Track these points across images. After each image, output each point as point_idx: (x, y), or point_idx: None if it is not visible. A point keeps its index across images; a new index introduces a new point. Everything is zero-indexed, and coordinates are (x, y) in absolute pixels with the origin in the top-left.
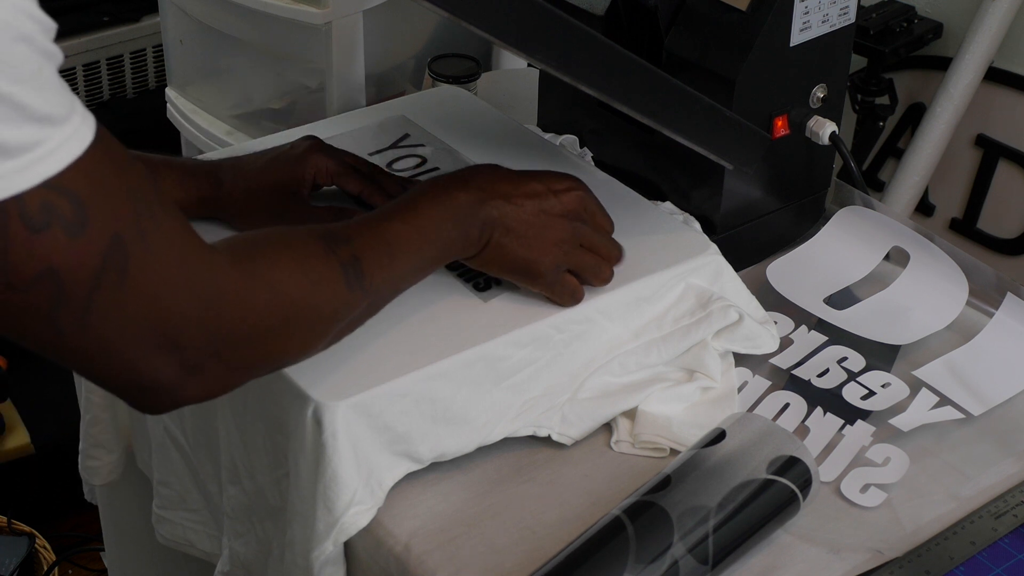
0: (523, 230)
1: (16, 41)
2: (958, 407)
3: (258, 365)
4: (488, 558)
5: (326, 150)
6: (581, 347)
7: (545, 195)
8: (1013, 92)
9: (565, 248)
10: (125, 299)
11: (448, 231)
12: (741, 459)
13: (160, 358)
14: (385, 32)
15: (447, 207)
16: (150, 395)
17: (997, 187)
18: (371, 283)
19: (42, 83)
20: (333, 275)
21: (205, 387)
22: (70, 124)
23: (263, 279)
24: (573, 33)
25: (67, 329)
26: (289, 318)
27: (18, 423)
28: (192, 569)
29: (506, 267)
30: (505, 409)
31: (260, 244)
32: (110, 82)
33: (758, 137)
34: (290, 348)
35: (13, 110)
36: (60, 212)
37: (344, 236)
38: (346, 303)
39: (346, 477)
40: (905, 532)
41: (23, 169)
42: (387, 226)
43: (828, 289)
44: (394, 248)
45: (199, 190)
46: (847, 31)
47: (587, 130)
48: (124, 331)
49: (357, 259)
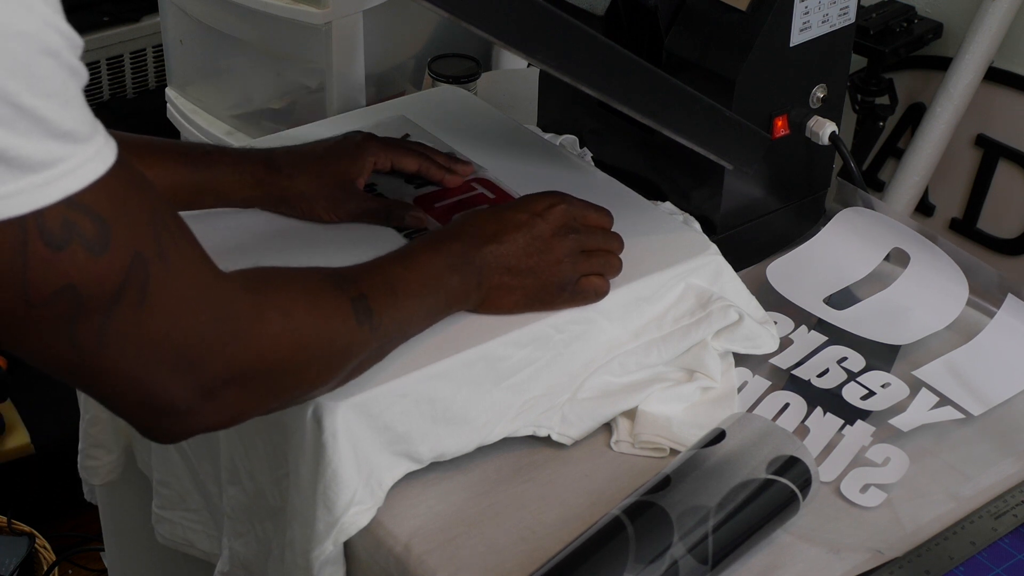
0: (522, 264)
1: (42, 54)
2: (958, 407)
3: (273, 395)
4: (488, 558)
5: (378, 139)
6: (581, 347)
7: (530, 222)
8: (1013, 92)
9: (569, 262)
10: (144, 319)
11: (448, 279)
12: (741, 459)
13: (176, 381)
14: (385, 32)
15: (444, 256)
16: (164, 420)
17: (997, 187)
18: (379, 321)
19: (67, 99)
20: (343, 309)
21: (219, 414)
22: (93, 144)
23: (275, 307)
24: (573, 33)
25: (85, 347)
26: (301, 347)
27: (18, 423)
28: (192, 569)
29: (520, 303)
30: (505, 409)
31: (270, 276)
32: (110, 82)
33: (758, 137)
34: (303, 380)
35: (36, 124)
36: (81, 230)
37: (350, 276)
38: (357, 338)
39: (346, 477)
40: (905, 532)
41: (44, 185)
42: (390, 270)
43: (828, 289)
44: (398, 290)
45: (255, 175)
46: (847, 31)
47: (587, 130)
48: (141, 352)
49: (364, 296)
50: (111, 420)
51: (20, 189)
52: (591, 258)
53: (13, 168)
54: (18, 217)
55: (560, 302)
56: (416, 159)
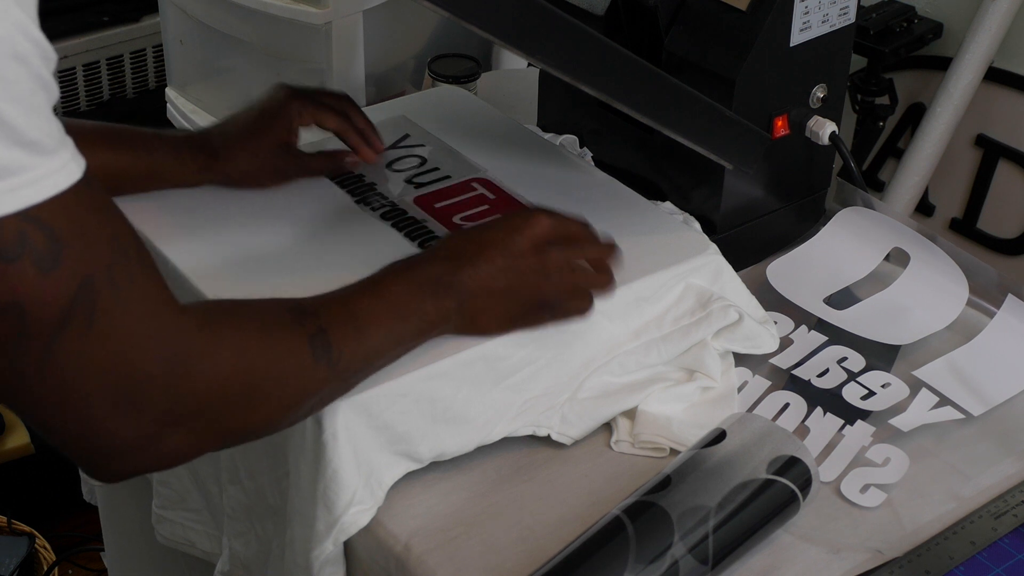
0: (500, 284)
1: (11, 59)
2: (958, 407)
3: (219, 436)
4: (488, 558)
5: (302, 95)
6: (581, 347)
7: (507, 240)
8: (1013, 92)
9: (550, 280)
10: (88, 348)
11: (420, 304)
12: (741, 459)
13: (118, 418)
14: (385, 32)
15: (415, 281)
16: (105, 458)
17: (997, 187)
18: (339, 356)
19: (34, 107)
20: (300, 346)
21: (163, 455)
22: (58, 158)
23: (228, 344)
24: (573, 33)
25: (26, 370)
26: (253, 386)
27: (18, 423)
28: (192, 569)
29: (504, 324)
30: (505, 409)
31: (228, 311)
32: (110, 82)
33: (758, 137)
34: (253, 419)
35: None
36: (34, 244)
37: (311, 309)
38: (313, 376)
39: (346, 477)
40: (905, 532)
41: (3, 192)
42: (354, 301)
43: (828, 289)
44: (361, 322)
45: (195, 161)
46: (847, 31)
47: (587, 130)
48: (84, 382)
49: (324, 331)
50: None
51: None
52: (572, 274)
53: None
54: None
55: (545, 321)
56: (336, 119)
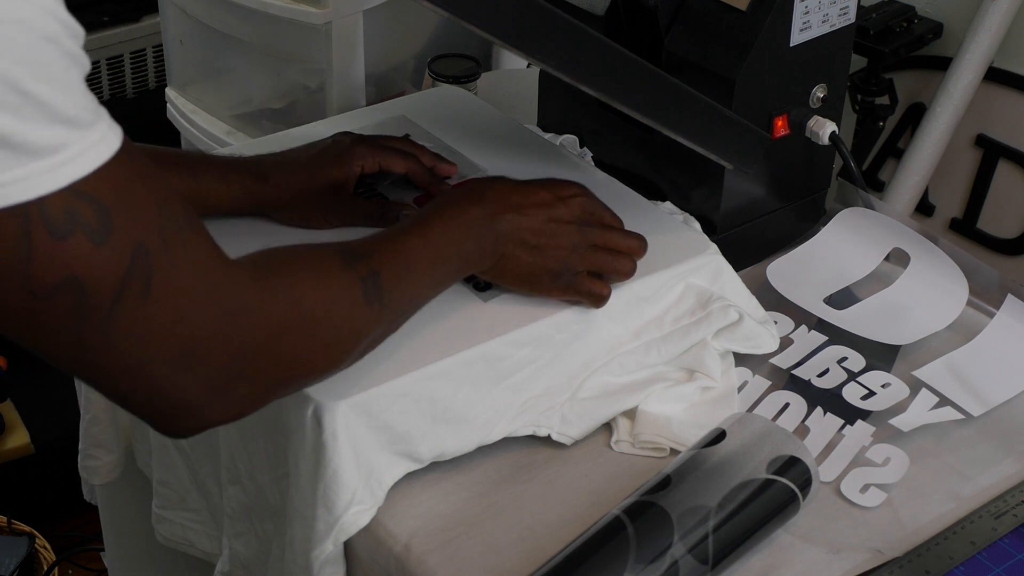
0: (535, 240)
1: (43, 41)
2: (958, 407)
3: (283, 383)
4: (488, 558)
5: (367, 140)
6: (581, 347)
7: (553, 203)
8: (1013, 92)
9: (578, 252)
10: (148, 312)
11: (464, 245)
12: (741, 459)
13: (184, 376)
14: (385, 32)
15: (461, 222)
16: (175, 416)
17: (997, 187)
18: (390, 298)
19: (69, 85)
20: (353, 290)
21: (230, 407)
22: (96, 130)
23: (283, 294)
24: (573, 33)
25: (90, 342)
26: (311, 333)
27: (18, 423)
28: (192, 569)
29: (519, 278)
30: (505, 409)
31: (280, 260)
32: (110, 82)
33: (758, 137)
34: (315, 365)
35: (39, 109)
36: (84, 219)
37: (362, 252)
38: (366, 318)
39: (346, 477)
40: (905, 532)
41: (47, 171)
42: (404, 241)
43: (828, 289)
44: (411, 263)
45: (243, 185)
46: (847, 31)
47: (587, 130)
48: (147, 346)
49: (376, 274)
50: (111, 420)
51: (24, 176)
52: (598, 254)
53: (19, 154)
54: (21, 204)
55: (556, 290)
56: (403, 162)
